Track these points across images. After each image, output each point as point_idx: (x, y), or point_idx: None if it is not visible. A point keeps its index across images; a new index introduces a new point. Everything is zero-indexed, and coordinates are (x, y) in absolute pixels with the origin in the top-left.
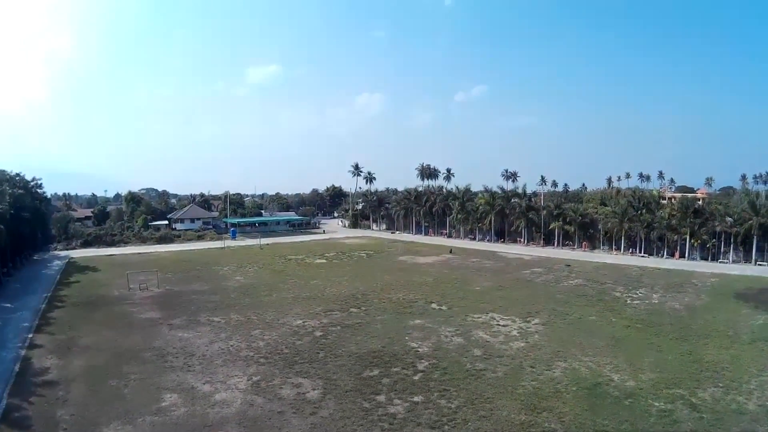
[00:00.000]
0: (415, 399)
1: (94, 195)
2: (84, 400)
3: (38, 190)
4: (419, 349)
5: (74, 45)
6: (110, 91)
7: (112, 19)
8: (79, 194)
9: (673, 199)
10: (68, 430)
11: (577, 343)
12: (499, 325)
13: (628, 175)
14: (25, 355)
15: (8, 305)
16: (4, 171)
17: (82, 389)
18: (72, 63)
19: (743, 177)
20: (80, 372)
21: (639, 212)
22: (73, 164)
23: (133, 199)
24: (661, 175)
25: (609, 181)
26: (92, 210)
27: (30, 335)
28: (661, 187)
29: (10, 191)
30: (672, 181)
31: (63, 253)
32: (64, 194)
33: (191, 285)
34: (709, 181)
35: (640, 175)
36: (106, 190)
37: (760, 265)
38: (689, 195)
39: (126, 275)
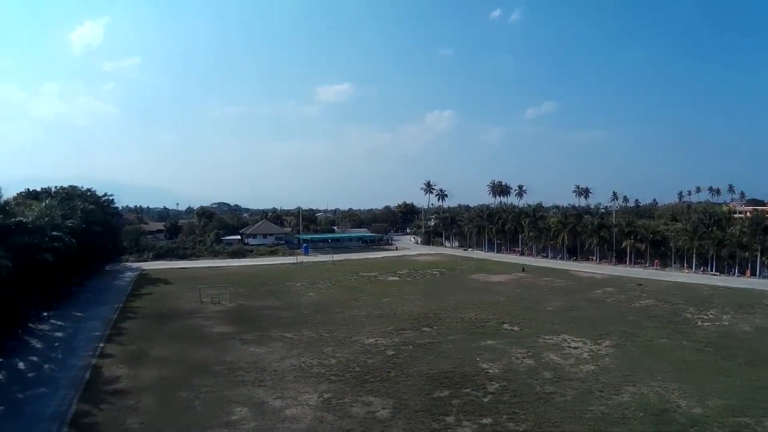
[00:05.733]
0: (484, 421)
1: (165, 208)
2: (154, 409)
3: (110, 205)
4: (490, 371)
5: (144, 64)
6: (181, 109)
7: (182, 40)
8: (150, 207)
9: (745, 214)
10: None
11: (646, 367)
12: (570, 347)
13: (698, 189)
14: (95, 364)
15: (79, 314)
16: (75, 187)
17: (152, 399)
18: (141, 81)
19: None
20: (151, 382)
21: (709, 229)
22: (144, 178)
23: (205, 213)
24: (731, 189)
25: (680, 195)
26: (164, 223)
27: (101, 345)
28: (731, 201)
29: (82, 206)
30: (743, 194)
31: (135, 264)
32: (136, 207)
33: (264, 300)
34: None
35: (710, 189)
36: (177, 204)
37: None
38: (759, 209)
39: (198, 289)
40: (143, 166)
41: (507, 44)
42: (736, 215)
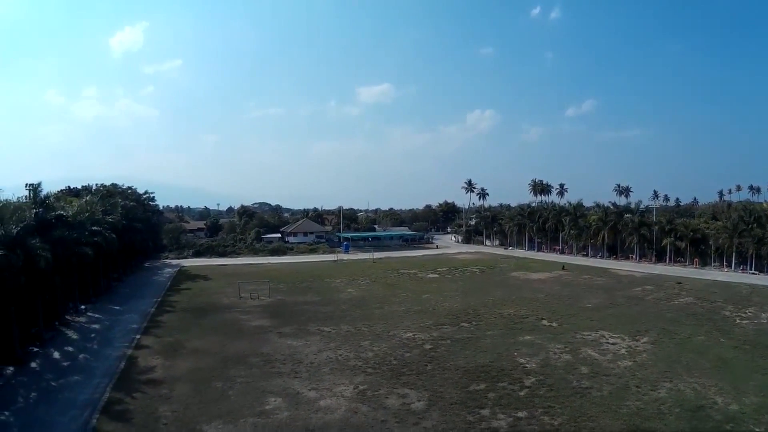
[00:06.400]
0: (519, 414)
1: (206, 208)
2: (187, 399)
3: (150, 203)
4: (527, 365)
5: (184, 67)
6: (222, 110)
7: (223, 42)
8: (191, 207)
9: None
10: (168, 426)
11: (683, 364)
12: (607, 343)
13: (738, 188)
14: (131, 354)
15: (117, 308)
16: (116, 184)
17: (186, 389)
18: (182, 84)
19: None
20: (185, 373)
21: (749, 227)
22: (184, 179)
23: (246, 212)
24: None
25: (720, 194)
26: (204, 222)
27: (137, 336)
28: None
29: (122, 203)
30: None
31: (174, 261)
32: (177, 207)
33: (303, 296)
34: None
35: (751, 187)
36: (218, 204)
37: None
38: None
39: (237, 284)
40: (184, 167)
41: (547, 42)
42: None
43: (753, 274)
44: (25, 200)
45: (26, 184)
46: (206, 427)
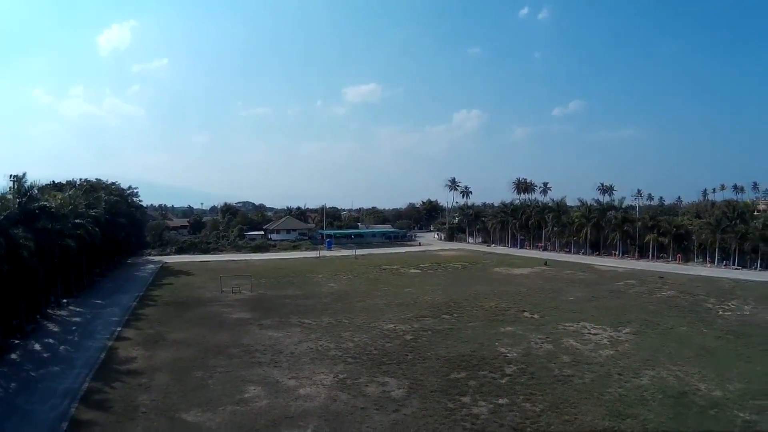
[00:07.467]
0: (500, 401)
1: (190, 207)
2: (166, 388)
3: (134, 199)
4: (508, 354)
5: (171, 66)
6: (208, 110)
7: (209, 41)
8: (175, 206)
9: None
10: (147, 414)
11: (666, 353)
12: (589, 333)
13: (722, 187)
14: (111, 346)
15: (99, 302)
16: (99, 180)
17: (165, 378)
18: (168, 83)
19: None
20: (166, 363)
21: (733, 223)
22: (170, 179)
23: (229, 210)
24: (755, 186)
25: (704, 193)
26: (188, 219)
27: (118, 329)
28: (755, 198)
29: (106, 198)
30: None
31: (157, 258)
32: (161, 205)
33: (284, 290)
34: None
35: (735, 187)
36: (202, 203)
37: None
38: None
39: (219, 279)
40: (170, 166)
41: (535, 42)
42: (756, 212)
43: (736, 269)
44: (9, 191)
45: (10, 175)
46: (185, 415)
